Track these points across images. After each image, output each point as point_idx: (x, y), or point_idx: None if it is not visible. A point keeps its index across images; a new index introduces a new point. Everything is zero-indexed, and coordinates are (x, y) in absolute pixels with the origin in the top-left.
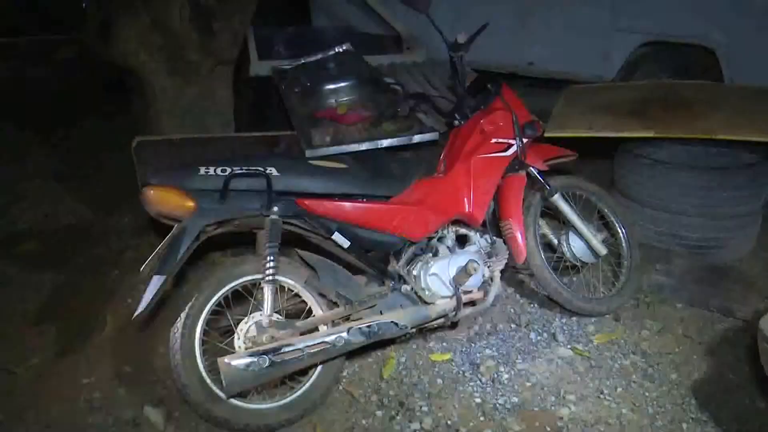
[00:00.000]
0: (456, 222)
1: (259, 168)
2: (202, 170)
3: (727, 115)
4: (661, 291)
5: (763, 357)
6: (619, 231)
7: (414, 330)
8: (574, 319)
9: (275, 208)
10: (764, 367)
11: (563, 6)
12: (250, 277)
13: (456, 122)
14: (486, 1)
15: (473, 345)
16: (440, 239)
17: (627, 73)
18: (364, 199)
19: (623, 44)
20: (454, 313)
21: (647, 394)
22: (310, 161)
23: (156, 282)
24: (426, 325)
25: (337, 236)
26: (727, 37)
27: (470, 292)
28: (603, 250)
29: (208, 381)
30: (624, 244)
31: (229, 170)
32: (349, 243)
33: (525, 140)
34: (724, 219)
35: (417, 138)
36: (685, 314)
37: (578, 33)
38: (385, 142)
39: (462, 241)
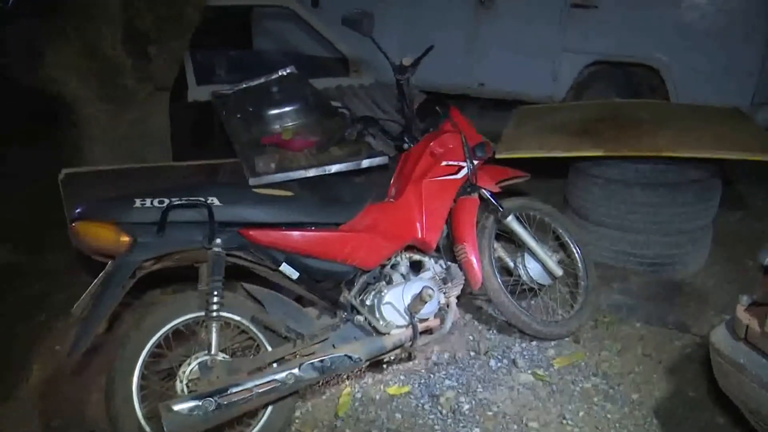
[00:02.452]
0: (409, 248)
1: (200, 198)
2: (138, 202)
3: (673, 132)
4: (620, 310)
5: (716, 371)
6: (575, 251)
7: (369, 363)
8: (534, 343)
9: (218, 240)
10: (718, 380)
11: (512, 26)
12: (192, 315)
13: (405, 145)
14: (434, 23)
15: (432, 376)
16: (393, 266)
17: (577, 93)
18: (313, 228)
19: (572, 64)
20: (410, 342)
21: (609, 416)
22: (255, 189)
23: (88, 324)
24: (382, 356)
25: (285, 267)
26: (669, 57)
27: (426, 320)
28: (559, 272)
29: (148, 430)
30: (580, 265)
31: (167, 201)
32: (298, 274)
33: (476, 162)
34: (675, 235)
35: (366, 162)
36: (644, 332)
37: (527, 53)
38: (334, 168)
39: (416, 267)
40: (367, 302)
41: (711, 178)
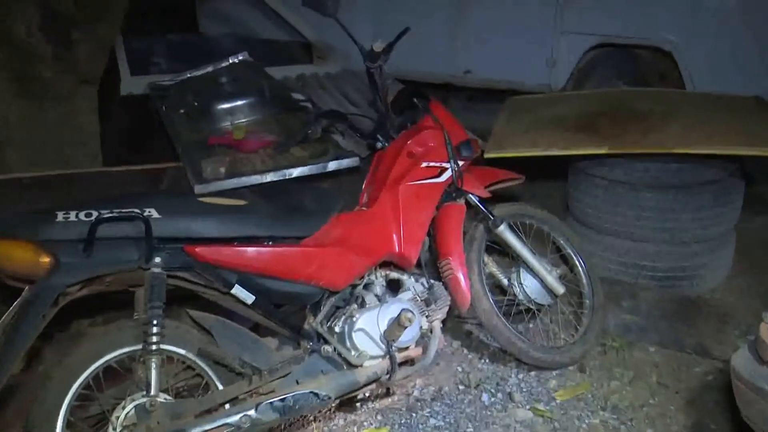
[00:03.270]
0: (385, 264)
1: (135, 210)
2: (61, 216)
3: (684, 126)
4: (630, 332)
5: (738, 399)
6: (578, 264)
7: (340, 400)
8: (532, 373)
9: (157, 259)
10: (740, 408)
11: (502, 5)
12: (127, 349)
13: (379, 144)
14: (414, 3)
15: (414, 415)
16: (366, 286)
17: (578, 81)
18: (271, 243)
19: (571, 48)
20: (388, 376)
21: None
22: (201, 199)
23: (1, 362)
24: (354, 393)
25: (238, 290)
26: (682, 38)
27: (406, 348)
28: (560, 289)
29: None
30: (584, 280)
31: (95, 214)
32: (253, 298)
33: (461, 163)
34: (691, 244)
35: (333, 165)
36: (658, 358)
37: (520, 36)
38: (295, 172)
39: (393, 287)
40: (336, 329)
41: (730, 177)
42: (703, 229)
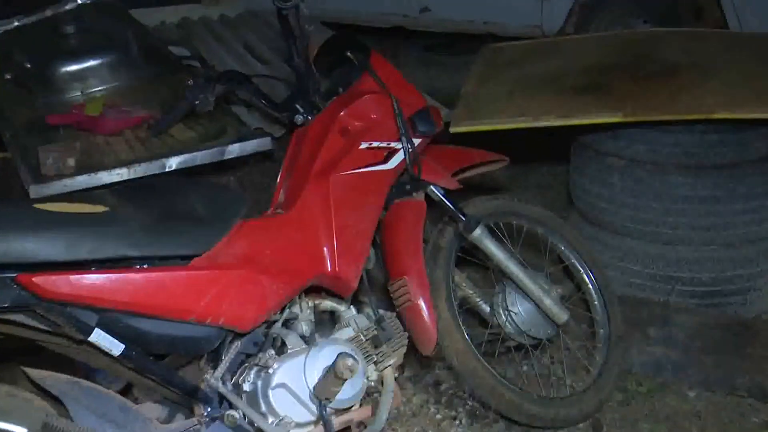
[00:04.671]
0: (313, 291)
1: None
2: None
3: (728, 83)
4: (662, 372)
5: None
6: (587, 280)
7: None
8: None
9: None
10: None
11: None
12: None
13: (299, 119)
14: None
15: None
16: (287, 324)
17: (580, 21)
18: (146, 266)
19: None
20: None
21: None
22: (39, 205)
23: None
24: None
25: (98, 337)
26: None
27: (347, 410)
28: (563, 315)
29: None
30: (596, 302)
31: None
32: (122, 347)
33: (417, 141)
34: (742, 245)
35: (234, 150)
36: (702, 406)
37: None
38: (177, 161)
39: (326, 322)
40: (246, 387)
41: None
42: (757, 225)
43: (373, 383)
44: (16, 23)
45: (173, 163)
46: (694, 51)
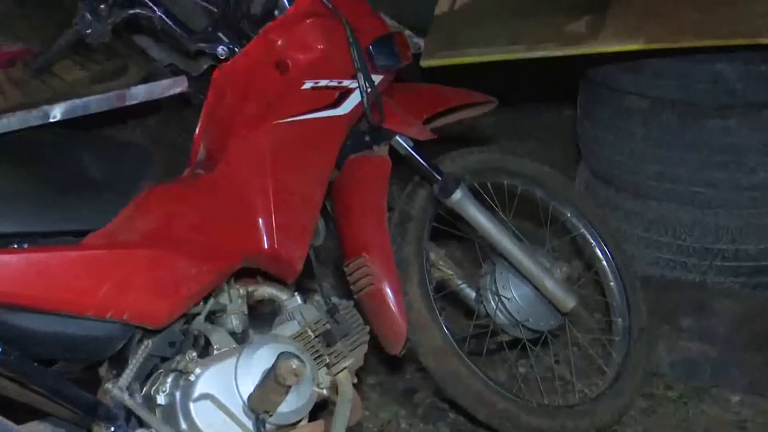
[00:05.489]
0: (246, 274)
1: None
2: None
3: None
4: (698, 373)
5: None
6: (600, 256)
7: None
8: None
9: None
10: None
11: None
12: None
13: (223, 51)
14: None
15: None
16: (213, 317)
17: None
18: (26, 245)
19: None
20: None
21: None
22: None
23: None
24: None
25: None
26: None
27: (293, 425)
28: (569, 301)
29: None
30: (612, 283)
31: None
32: None
33: (378, 78)
34: None
35: (139, 93)
36: (747, 413)
37: None
38: (62, 110)
39: (263, 315)
40: (160, 399)
41: None
42: None
43: (325, 391)
44: None
45: (58, 111)
46: None
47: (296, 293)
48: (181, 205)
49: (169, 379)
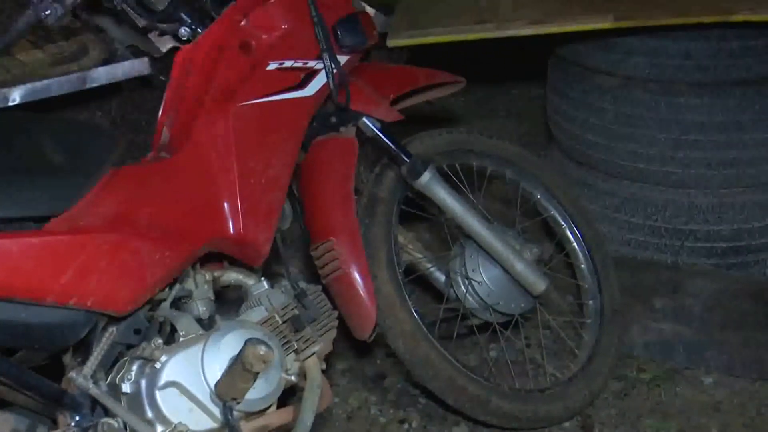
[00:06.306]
0: (212, 259)
1: None
2: None
3: None
4: (672, 354)
5: None
6: (571, 237)
7: None
8: None
9: None
10: None
11: None
12: None
13: (185, 32)
14: None
15: None
16: (178, 303)
17: None
18: None
19: None
20: None
21: None
22: None
23: None
24: None
25: None
26: None
27: (261, 413)
28: (540, 284)
29: None
30: (584, 265)
31: None
32: None
33: (344, 59)
34: None
35: (100, 76)
36: (722, 395)
37: None
38: (21, 92)
39: (229, 301)
40: (125, 387)
41: None
42: None
43: (293, 378)
44: None
45: (17, 94)
46: None
47: (263, 278)
48: (144, 189)
49: (135, 367)
